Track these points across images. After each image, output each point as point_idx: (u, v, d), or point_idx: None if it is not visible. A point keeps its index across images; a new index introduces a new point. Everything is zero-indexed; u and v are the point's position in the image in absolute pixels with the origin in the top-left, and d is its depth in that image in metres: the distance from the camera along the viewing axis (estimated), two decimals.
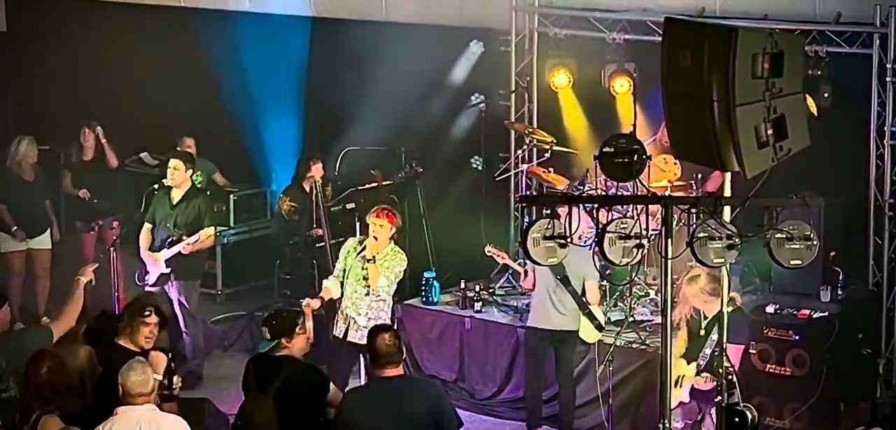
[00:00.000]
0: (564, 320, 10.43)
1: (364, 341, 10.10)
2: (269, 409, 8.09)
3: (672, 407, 9.36)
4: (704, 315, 9.22)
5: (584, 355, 10.75)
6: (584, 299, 10.37)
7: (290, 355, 8.27)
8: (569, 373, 10.55)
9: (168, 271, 11.43)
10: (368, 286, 10.12)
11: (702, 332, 9.23)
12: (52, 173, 13.15)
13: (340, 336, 10.27)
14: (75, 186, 13.11)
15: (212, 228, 11.44)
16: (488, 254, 11.20)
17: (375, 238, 10.09)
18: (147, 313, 8.31)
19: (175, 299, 11.55)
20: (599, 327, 10.45)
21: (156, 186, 11.77)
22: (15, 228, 12.52)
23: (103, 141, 13.07)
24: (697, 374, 9.12)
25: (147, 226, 11.65)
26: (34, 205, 12.66)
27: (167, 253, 11.37)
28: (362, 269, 10.14)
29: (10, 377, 7.82)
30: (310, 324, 8.52)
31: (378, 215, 10.12)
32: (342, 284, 10.36)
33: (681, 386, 9.26)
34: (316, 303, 9.93)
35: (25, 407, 7.54)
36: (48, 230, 12.79)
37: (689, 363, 9.27)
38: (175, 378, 8.35)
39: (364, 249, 10.14)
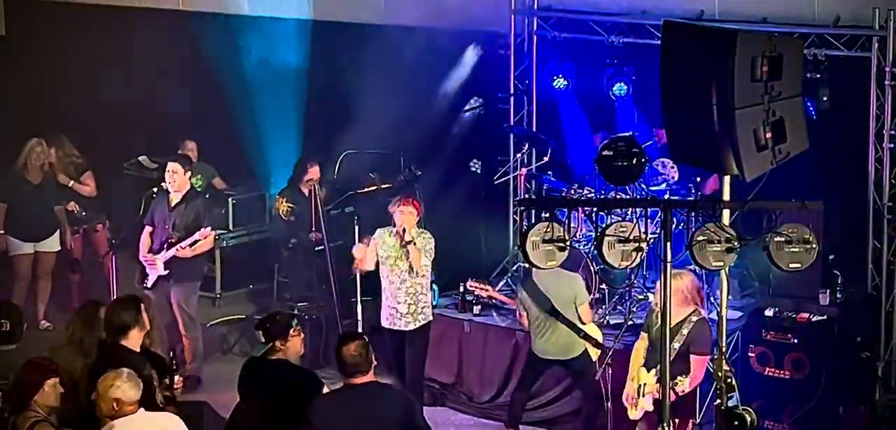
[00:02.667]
0: (560, 349, 10.34)
1: (408, 328, 10.40)
2: (261, 412, 8.09)
3: (638, 418, 9.41)
4: None
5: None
6: (579, 323, 10.28)
7: (285, 359, 8.27)
8: (588, 387, 10.33)
9: (166, 273, 11.42)
10: (406, 272, 10.33)
11: None
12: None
13: (387, 327, 10.49)
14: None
15: (208, 228, 11.42)
16: (470, 288, 11.22)
17: (405, 226, 10.30)
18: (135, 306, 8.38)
19: (174, 303, 11.53)
20: (598, 345, 10.36)
21: (155, 189, 11.76)
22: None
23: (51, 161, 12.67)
24: (657, 381, 9.11)
25: (147, 229, 11.65)
26: (39, 208, 12.60)
27: (165, 255, 11.36)
28: (402, 251, 10.32)
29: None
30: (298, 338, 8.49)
31: (403, 203, 10.33)
32: (377, 270, 10.53)
33: (643, 396, 9.24)
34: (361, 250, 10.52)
35: (14, 408, 7.55)
36: (57, 233, 12.74)
37: (649, 371, 9.28)
38: (176, 378, 8.36)
39: (403, 232, 10.28)
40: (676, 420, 9.00)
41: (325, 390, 8.25)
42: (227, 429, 8.45)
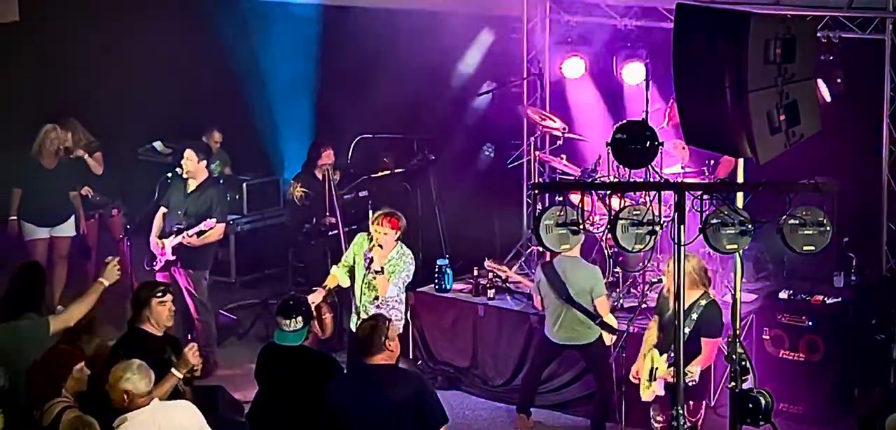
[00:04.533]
0: (573, 335, 10.33)
1: None
2: (284, 398, 8.10)
3: (650, 400, 9.40)
4: None
5: None
6: (595, 312, 10.26)
7: (304, 344, 8.28)
8: (602, 372, 10.35)
9: (173, 258, 11.43)
10: (375, 293, 9.98)
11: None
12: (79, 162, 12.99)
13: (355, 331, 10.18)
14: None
15: (215, 219, 11.39)
16: (488, 268, 11.16)
17: (380, 246, 9.90)
18: (160, 292, 8.38)
19: (183, 288, 11.54)
20: (614, 331, 10.32)
21: (170, 174, 11.78)
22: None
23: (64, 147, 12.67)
24: (669, 367, 9.10)
25: (162, 210, 11.68)
26: (53, 193, 12.63)
27: (173, 240, 11.38)
28: (372, 279, 9.94)
29: (1, 368, 7.81)
30: (329, 316, 8.52)
31: (381, 223, 9.90)
32: (351, 275, 10.21)
33: (654, 379, 9.23)
34: (318, 296, 9.68)
35: (41, 396, 7.57)
36: (72, 218, 12.77)
37: (661, 355, 9.25)
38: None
39: (371, 262, 9.90)
40: (690, 403, 9.01)
41: None
42: (250, 415, 8.46)
